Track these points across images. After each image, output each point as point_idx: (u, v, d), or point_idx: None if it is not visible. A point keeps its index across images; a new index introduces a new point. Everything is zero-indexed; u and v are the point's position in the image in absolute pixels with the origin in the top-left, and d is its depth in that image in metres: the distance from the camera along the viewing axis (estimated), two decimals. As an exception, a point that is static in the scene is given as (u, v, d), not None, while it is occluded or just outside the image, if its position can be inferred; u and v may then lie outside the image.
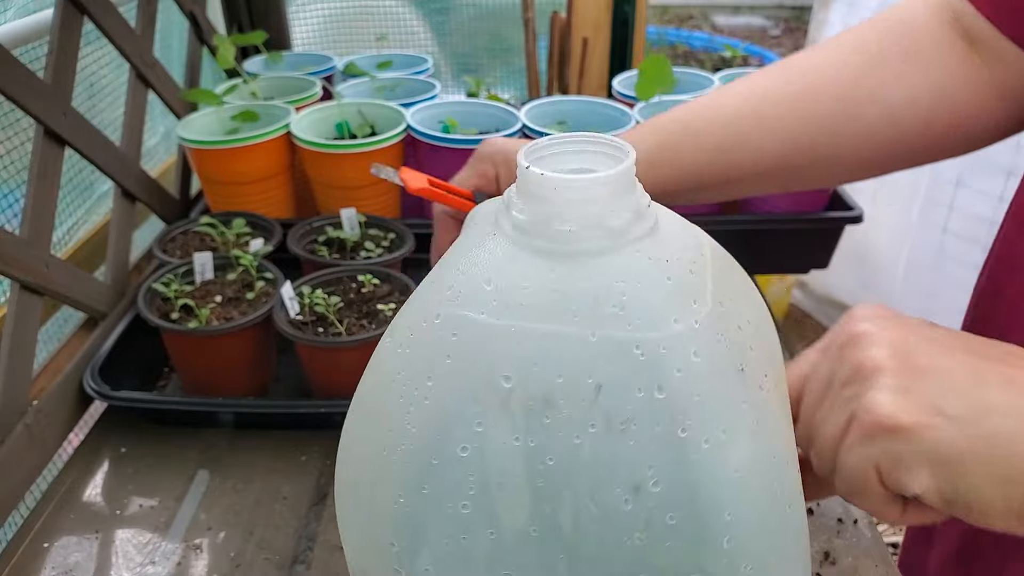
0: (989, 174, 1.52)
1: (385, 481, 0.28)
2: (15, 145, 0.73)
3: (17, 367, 0.60)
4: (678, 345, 0.25)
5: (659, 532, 0.25)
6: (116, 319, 0.73)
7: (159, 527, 0.58)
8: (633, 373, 0.24)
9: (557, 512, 0.25)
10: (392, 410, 0.27)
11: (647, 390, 0.24)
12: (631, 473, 0.25)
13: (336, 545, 0.56)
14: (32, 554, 0.56)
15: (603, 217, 0.26)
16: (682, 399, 0.25)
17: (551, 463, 0.25)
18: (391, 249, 0.80)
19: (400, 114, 0.90)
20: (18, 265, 0.61)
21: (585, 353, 0.25)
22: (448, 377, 0.26)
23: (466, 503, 0.26)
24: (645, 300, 0.25)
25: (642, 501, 0.25)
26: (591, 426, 0.25)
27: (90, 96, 0.87)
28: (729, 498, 0.25)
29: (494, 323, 0.26)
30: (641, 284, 0.25)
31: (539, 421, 0.25)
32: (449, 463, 0.26)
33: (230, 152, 0.84)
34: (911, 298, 1.77)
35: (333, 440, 0.68)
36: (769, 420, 0.27)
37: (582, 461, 0.25)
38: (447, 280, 0.28)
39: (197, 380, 0.70)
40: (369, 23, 1.34)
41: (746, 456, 0.25)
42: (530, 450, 0.25)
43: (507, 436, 0.25)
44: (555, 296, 0.25)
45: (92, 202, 0.89)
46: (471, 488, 0.26)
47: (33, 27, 0.74)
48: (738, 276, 0.32)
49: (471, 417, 0.26)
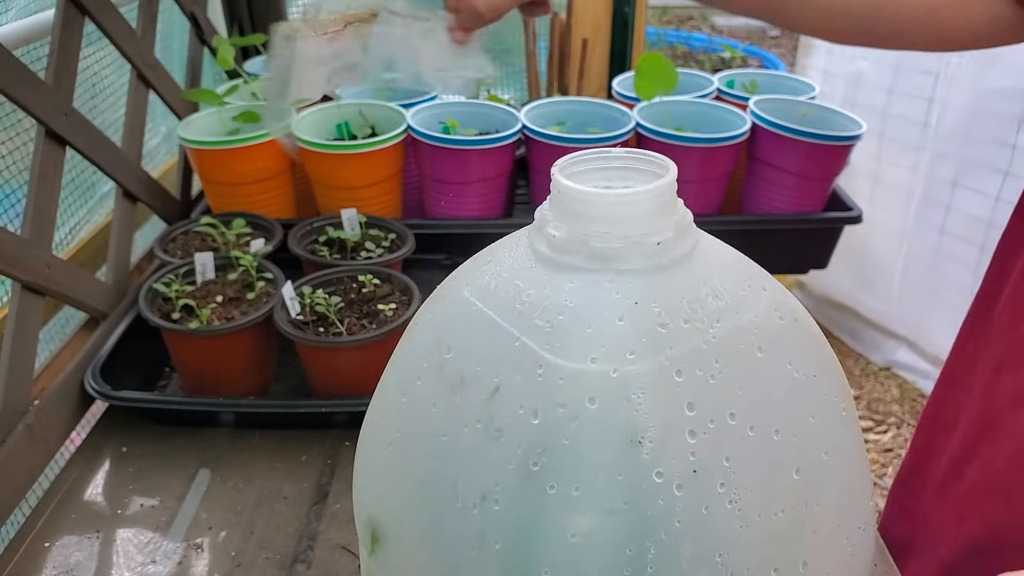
0: (986, 175, 1.53)
1: (404, 508, 0.27)
2: (16, 146, 0.74)
3: (18, 367, 0.60)
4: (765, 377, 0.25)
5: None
6: (117, 319, 0.74)
7: (160, 526, 0.58)
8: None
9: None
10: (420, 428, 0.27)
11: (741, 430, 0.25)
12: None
13: (336, 544, 0.56)
14: (33, 553, 0.56)
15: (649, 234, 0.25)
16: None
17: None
18: (392, 249, 0.80)
19: (400, 114, 0.90)
20: (19, 265, 0.61)
21: (674, 393, 0.24)
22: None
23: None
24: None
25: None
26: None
27: (91, 97, 0.87)
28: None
29: (584, 368, 0.25)
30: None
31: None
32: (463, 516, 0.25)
33: (231, 152, 0.85)
34: (909, 298, 1.77)
35: (334, 440, 0.68)
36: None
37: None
38: (514, 322, 0.26)
39: (198, 380, 0.71)
40: (369, 24, 1.34)
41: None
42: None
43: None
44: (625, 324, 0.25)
45: (94, 202, 0.89)
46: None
47: (34, 28, 0.74)
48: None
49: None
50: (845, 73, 1.79)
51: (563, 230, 0.26)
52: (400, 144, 0.88)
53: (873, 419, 1.78)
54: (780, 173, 0.87)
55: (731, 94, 0.96)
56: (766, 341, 0.25)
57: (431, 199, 0.92)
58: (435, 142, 0.85)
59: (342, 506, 0.59)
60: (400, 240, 0.81)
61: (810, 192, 0.88)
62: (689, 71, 1.03)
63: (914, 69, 1.63)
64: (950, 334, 0.64)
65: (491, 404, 0.25)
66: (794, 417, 0.25)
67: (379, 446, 0.28)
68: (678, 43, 2.08)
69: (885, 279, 1.82)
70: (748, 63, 1.83)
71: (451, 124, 0.89)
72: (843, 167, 0.88)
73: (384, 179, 0.89)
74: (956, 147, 1.57)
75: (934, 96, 1.60)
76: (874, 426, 1.77)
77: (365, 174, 0.87)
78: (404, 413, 0.27)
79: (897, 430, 1.75)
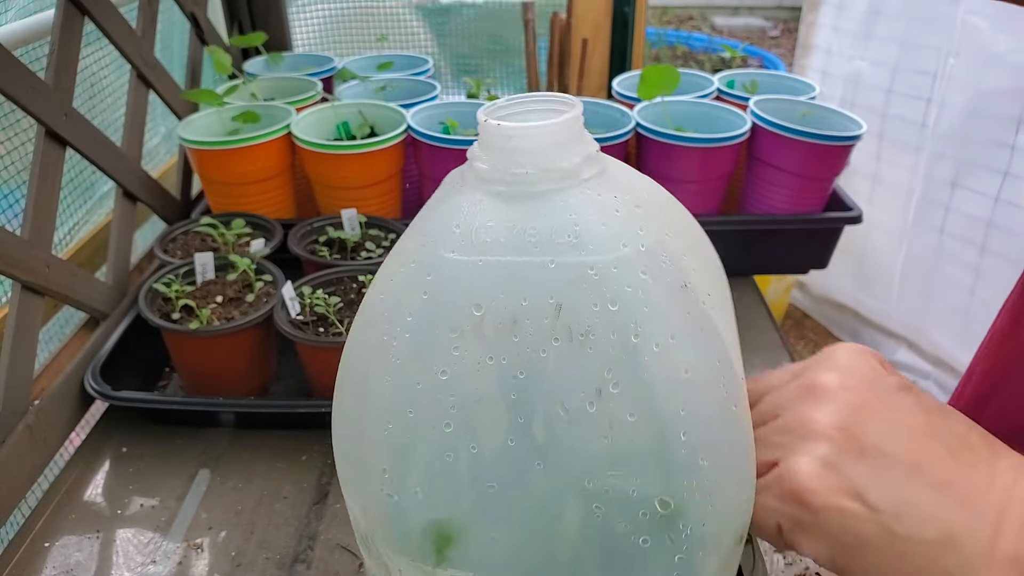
0: (985, 175, 1.53)
1: (374, 413, 0.30)
2: (15, 146, 0.74)
3: (18, 367, 0.60)
4: (627, 265, 0.28)
5: (622, 430, 0.27)
6: (117, 319, 0.74)
7: (160, 526, 0.58)
8: (589, 291, 0.28)
9: (530, 421, 0.28)
10: (377, 348, 0.30)
11: (602, 304, 0.28)
12: (593, 378, 0.27)
13: (336, 544, 0.56)
14: (33, 554, 0.56)
15: (555, 160, 0.29)
16: (633, 310, 0.28)
17: (522, 376, 0.28)
18: (392, 249, 0.80)
19: (400, 115, 0.90)
20: (19, 266, 0.61)
21: (545, 278, 0.28)
22: (425, 311, 0.29)
23: (448, 422, 0.28)
24: (596, 229, 0.28)
25: (605, 403, 0.27)
26: (555, 340, 0.28)
27: (90, 97, 0.87)
28: (681, 395, 0.28)
29: (463, 259, 0.29)
30: (592, 216, 0.29)
31: (509, 340, 0.28)
32: (431, 387, 0.28)
33: (231, 153, 0.85)
34: (909, 298, 1.78)
35: (334, 440, 0.68)
36: (712, 328, 0.29)
37: (549, 372, 0.28)
38: (420, 229, 0.31)
39: (198, 380, 0.71)
40: (369, 24, 1.34)
41: (693, 358, 0.28)
42: (502, 367, 0.28)
43: (482, 357, 0.28)
44: (515, 232, 0.28)
45: (93, 202, 0.89)
46: (452, 407, 0.28)
47: (34, 28, 0.74)
48: (688, 223, 0.35)
49: (449, 343, 0.28)
50: (844, 73, 1.79)
51: (487, 163, 0.29)
52: (400, 144, 0.88)
53: (873, 419, 1.78)
54: (780, 173, 0.87)
55: (731, 94, 0.96)
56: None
57: (431, 199, 0.92)
58: (435, 142, 0.85)
59: (342, 506, 0.59)
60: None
61: (810, 192, 0.88)
62: (689, 71, 1.03)
63: (912, 69, 1.63)
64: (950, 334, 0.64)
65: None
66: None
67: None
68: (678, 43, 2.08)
69: (885, 279, 1.82)
70: (748, 63, 1.83)
71: (451, 124, 0.89)
72: (843, 167, 0.88)
73: (384, 179, 0.89)
74: (955, 147, 1.57)
75: (932, 96, 1.60)
76: (874, 426, 1.76)
77: (365, 174, 0.87)
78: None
79: (897, 430, 1.75)
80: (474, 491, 0.29)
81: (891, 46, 1.68)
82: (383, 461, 0.30)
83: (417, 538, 0.30)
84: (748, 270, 0.92)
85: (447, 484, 0.29)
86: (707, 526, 0.29)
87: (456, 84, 1.37)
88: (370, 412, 0.30)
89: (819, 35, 1.86)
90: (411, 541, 0.30)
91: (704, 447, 0.28)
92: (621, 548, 0.28)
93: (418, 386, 0.29)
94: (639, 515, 0.28)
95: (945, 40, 1.55)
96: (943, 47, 1.56)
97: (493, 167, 0.29)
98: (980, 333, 0.56)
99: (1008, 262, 1.52)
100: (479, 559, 0.29)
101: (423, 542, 0.30)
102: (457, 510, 0.29)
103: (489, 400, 0.28)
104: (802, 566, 1.27)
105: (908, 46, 1.64)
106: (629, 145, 0.89)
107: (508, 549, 0.29)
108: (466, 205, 0.30)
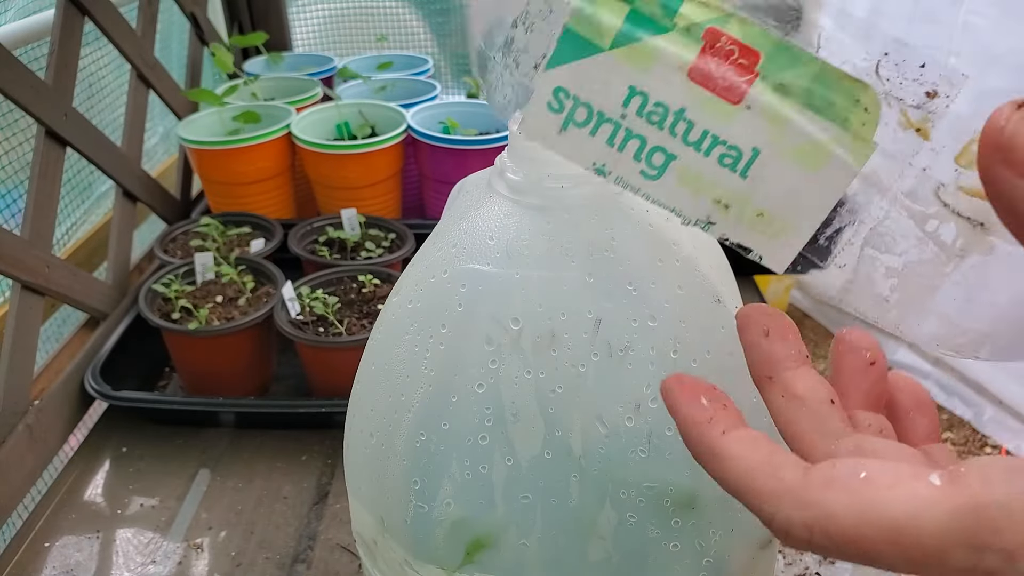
0: (988, 175, 1.53)
1: (405, 424, 0.30)
2: (14, 145, 0.73)
3: (18, 367, 0.60)
4: (664, 280, 0.28)
5: (660, 444, 0.27)
6: (117, 319, 0.74)
7: (160, 526, 0.58)
8: (628, 306, 0.28)
9: (567, 435, 0.28)
10: (407, 359, 0.30)
11: (641, 320, 0.28)
12: (631, 393, 0.27)
13: (336, 544, 0.56)
14: (33, 554, 0.56)
15: (590, 174, 0.27)
16: (672, 326, 0.28)
17: (560, 391, 0.28)
18: (391, 249, 0.80)
19: (400, 115, 0.90)
20: (19, 266, 0.61)
21: (584, 292, 0.28)
22: (461, 323, 0.29)
23: (484, 435, 0.28)
24: (632, 244, 0.28)
25: (643, 417, 0.27)
26: (593, 355, 0.27)
27: (88, 97, 0.87)
28: None
29: (500, 272, 0.28)
30: (628, 231, 0.28)
31: (547, 355, 0.28)
32: (467, 400, 0.28)
33: (231, 153, 0.85)
34: (910, 299, 1.77)
35: (334, 440, 0.68)
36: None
37: (587, 387, 0.27)
38: (451, 239, 0.30)
39: (198, 380, 0.71)
40: (369, 24, 1.34)
41: (726, 373, 0.28)
42: (540, 381, 0.28)
43: (519, 371, 0.28)
44: (552, 245, 0.28)
45: (91, 202, 0.89)
46: (488, 420, 0.28)
47: (34, 27, 0.74)
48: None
49: (485, 357, 0.28)
50: (845, 73, 1.79)
51: (519, 174, 0.29)
52: (400, 144, 0.88)
53: (873, 419, 1.78)
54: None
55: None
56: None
57: (431, 199, 0.92)
58: (435, 142, 0.85)
59: (342, 506, 0.59)
60: (400, 240, 0.81)
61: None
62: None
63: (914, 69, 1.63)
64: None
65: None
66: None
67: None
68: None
69: (885, 279, 1.82)
70: (748, 63, 1.83)
71: (451, 124, 0.89)
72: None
73: (384, 179, 0.89)
74: (956, 147, 1.57)
75: (934, 96, 1.60)
76: (874, 426, 1.76)
77: (365, 174, 0.87)
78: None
79: (897, 430, 1.75)
80: (508, 503, 0.28)
81: (891, 46, 1.67)
82: (414, 472, 0.30)
83: (445, 544, 0.30)
84: (748, 270, 0.92)
85: (481, 496, 0.29)
86: (735, 531, 0.29)
87: (456, 84, 1.37)
88: (401, 423, 0.30)
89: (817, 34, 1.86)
90: (439, 547, 0.30)
91: None
92: (651, 553, 0.29)
93: (453, 399, 0.28)
94: (671, 523, 0.28)
95: (945, 40, 1.55)
96: (943, 47, 1.56)
97: (527, 179, 0.29)
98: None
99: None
100: (508, 564, 0.29)
101: (452, 549, 0.30)
102: (490, 520, 0.29)
103: (526, 414, 0.28)
104: (802, 566, 1.27)
105: (908, 46, 1.64)
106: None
107: (538, 554, 0.29)
108: (498, 217, 0.29)
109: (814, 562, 0.55)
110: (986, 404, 1.61)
